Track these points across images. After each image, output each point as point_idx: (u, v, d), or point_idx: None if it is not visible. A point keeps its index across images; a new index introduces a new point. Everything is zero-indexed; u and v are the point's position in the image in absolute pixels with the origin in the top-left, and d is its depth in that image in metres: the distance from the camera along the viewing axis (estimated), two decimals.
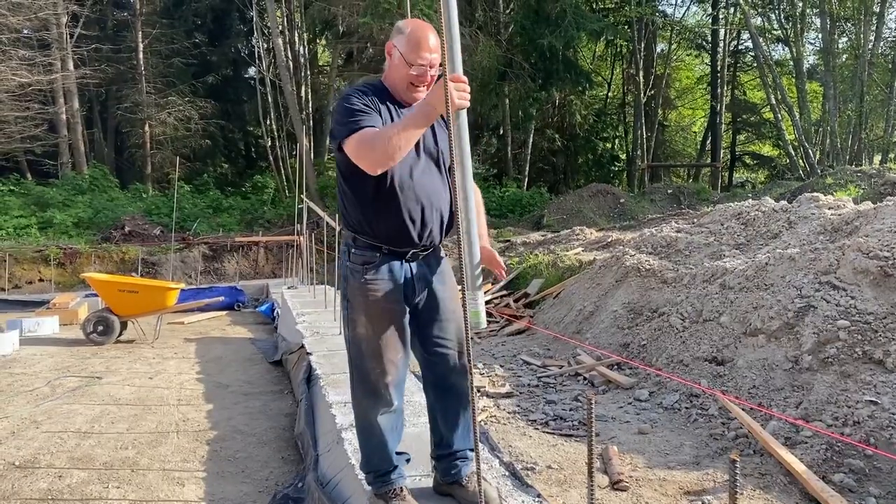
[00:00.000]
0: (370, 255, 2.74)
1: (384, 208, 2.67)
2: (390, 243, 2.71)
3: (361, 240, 2.76)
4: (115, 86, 25.91)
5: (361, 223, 2.75)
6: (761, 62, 24.95)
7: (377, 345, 2.74)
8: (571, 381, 6.39)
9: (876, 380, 4.51)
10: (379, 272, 2.73)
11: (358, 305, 2.77)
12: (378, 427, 2.82)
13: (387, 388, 2.76)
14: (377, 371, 2.76)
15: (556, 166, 31.42)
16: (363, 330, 2.76)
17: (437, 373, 2.87)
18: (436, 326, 2.80)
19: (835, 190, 13.04)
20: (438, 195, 2.73)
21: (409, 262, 2.77)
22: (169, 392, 6.46)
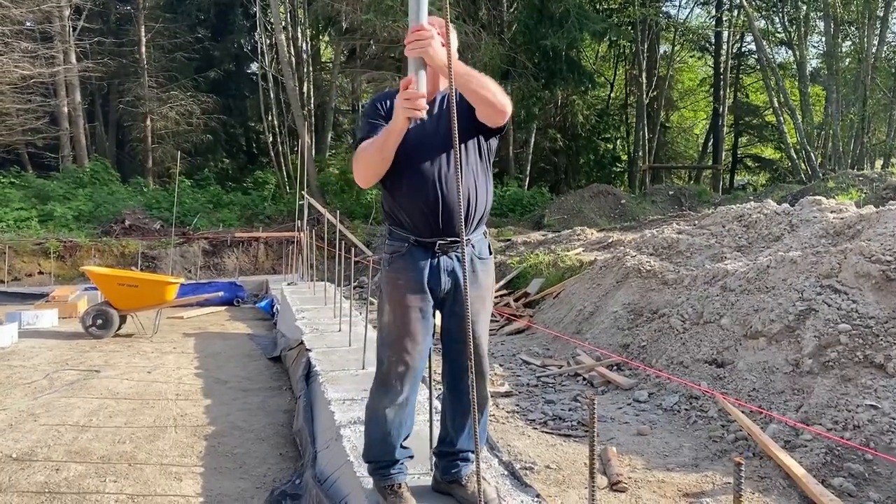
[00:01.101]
0: (399, 245, 2.79)
1: (408, 196, 2.73)
2: (416, 232, 2.74)
3: (395, 231, 2.82)
4: (117, 79, 25.87)
5: (391, 212, 2.83)
6: (764, 65, 24.91)
7: (396, 334, 2.77)
8: (570, 382, 6.38)
9: (876, 384, 4.50)
10: (404, 262, 2.76)
11: (385, 293, 2.83)
12: (384, 418, 2.83)
13: (399, 379, 2.77)
14: (392, 360, 2.78)
15: (557, 166, 31.39)
16: (387, 318, 2.81)
17: (454, 371, 2.88)
18: (457, 322, 2.79)
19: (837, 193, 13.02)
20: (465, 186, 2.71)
21: (438, 255, 2.76)
22: (167, 387, 6.45)
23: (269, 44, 25.10)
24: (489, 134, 2.80)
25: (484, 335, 2.87)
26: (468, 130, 2.71)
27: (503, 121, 2.65)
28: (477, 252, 2.84)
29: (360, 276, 14.33)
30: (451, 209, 2.68)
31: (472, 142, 2.77)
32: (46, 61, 20.94)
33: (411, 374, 2.79)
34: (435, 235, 2.73)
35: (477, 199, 2.76)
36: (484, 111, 2.59)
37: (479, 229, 2.85)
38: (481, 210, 2.81)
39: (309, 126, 24.47)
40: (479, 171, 2.79)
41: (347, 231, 15.98)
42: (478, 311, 2.81)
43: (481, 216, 2.82)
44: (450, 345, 2.86)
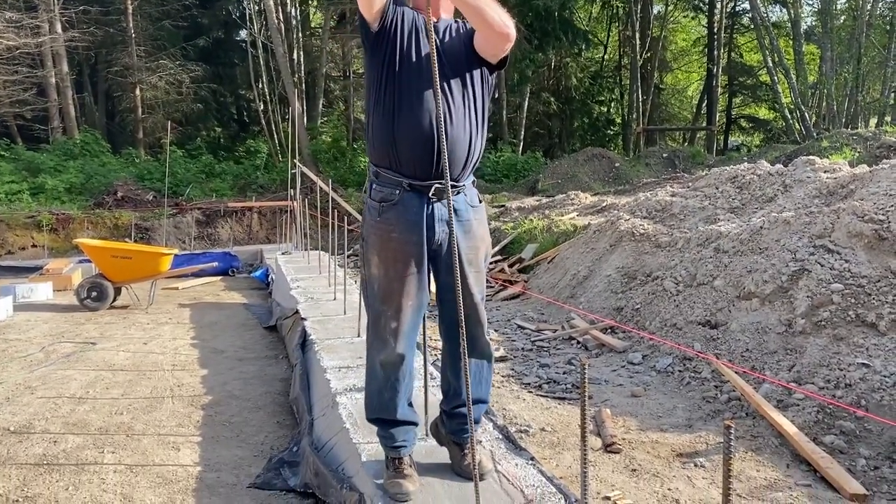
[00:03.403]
0: (389, 191, 2.62)
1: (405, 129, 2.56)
2: (411, 173, 2.59)
3: (384, 174, 2.65)
4: (105, 49, 25.53)
5: (383, 149, 2.63)
6: (758, 24, 24.70)
7: (389, 288, 2.65)
8: (565, 345, 6.41)
9: (868, 343, 4.53)
10: (397, 212, 2.61)
11: (372, 245, 2.68)
12: (379, 372, 2.75)
13: (393, 335, 2.66)
14: (387, 315, 2.66)
15: (551, 130, 31.24)
16: (376, 271, 2.68)
17: (448, 321, 2.77)
18: (451, 274, 2.53)
19: (830, 153, 13.00)
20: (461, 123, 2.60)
21: (433, 202, 2.62)
22: (163, 357, 6.47)
23: (258, 10, 24.76)
24: (490, 67, 2.68)
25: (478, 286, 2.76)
26: (471, 59, 2.62)
27: (505, 46, 2.53)
28: (469, 200, 2.73)
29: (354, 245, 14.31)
30: (452, 145, 2.54)
31: (475, 76, 2.65)
32: (32, 31, 20.62)
33: (407, 332, 2.69)
34: (430, 177, 2.59)
35: (476, 139, 2.65)
36: (485, 34, 2.48)
37: (471, 175, 2.75)
38: (479, 152, 2.70)
39: (300, 93, 24.27)
40: (480, 112, 2.67)
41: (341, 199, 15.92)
42: (471, 260, 2.71)
43: (477, 159, 2.71)
44: (445, 297, 2.74)
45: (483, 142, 2.73)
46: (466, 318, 2.55)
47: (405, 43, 2.59)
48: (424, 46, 2.58)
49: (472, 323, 2.71)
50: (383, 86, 2.60)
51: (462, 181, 2.67)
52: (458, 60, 2.63)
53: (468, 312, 2.60)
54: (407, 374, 2.79)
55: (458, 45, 2.66)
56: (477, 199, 2.79)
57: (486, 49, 2.59)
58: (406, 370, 2.77)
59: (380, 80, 2.61)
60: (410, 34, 2.61)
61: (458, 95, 2.61)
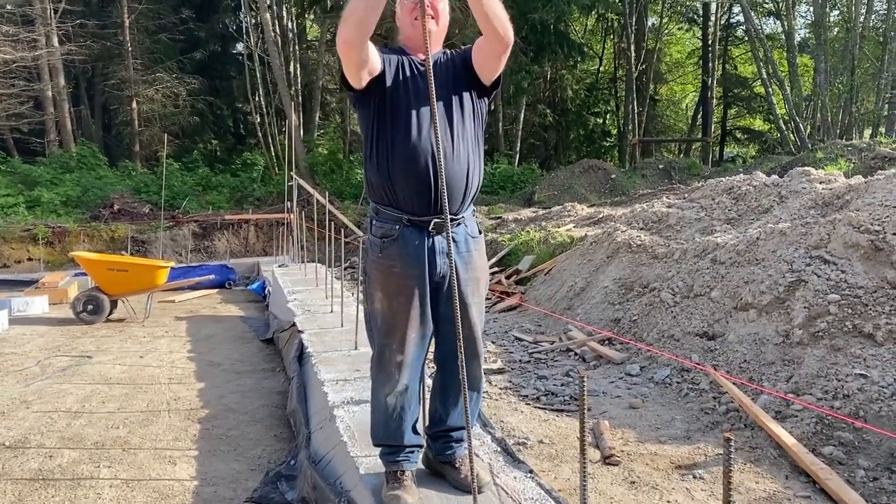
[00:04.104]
0: (389, 227, 2.64)
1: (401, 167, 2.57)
2: (410, 209, 2.60)
3: (384, 211, 2.67)
4: (102, 62, 25.55)
5: (381, 188, 2.65)
6: (752, 36, 24.84)
7: (393, 321, 2.66)
8: (563, 357, 6.41)
9: (866, 353, 4.53)
10: (397, 246, 2.63)
11: (375, 280, 2.70)
12: (384, 405, 2.76)
13: (398, 368, 2.68)
14: (392, 348, 2.67)
15: (547, 142, 31.33)
16: (379, 305, 2.69)
17: (445, 351, 2.79)
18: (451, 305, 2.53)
19: (825, 164, 13.04)
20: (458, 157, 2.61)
21: (433, 236, 2.63)
22: (160, 371, 6.44)
23: (255, 23, 24.86)
24: (482, 91, 2.70)
25: (478, 318, 2.78)
26: (465, 88, 2.62)
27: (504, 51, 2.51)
28: (469, 231, 2.75)
29: (351, 257, 14.30)
30: (449, 182, 2.54)
31: (467, 107, 2.66)
32: (28, 45, 20.64)
33: (411, 364, 2.70)
34: (429, 213, 2.60)
35: (473, 172, 2.66)
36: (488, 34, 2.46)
37: (471, 206, 2.76)
38: (477, 184, 2.71)
39: (296, 106, 24.32)
40: (475, 142, 2.69)
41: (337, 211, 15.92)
42: (472, 292, 2.72)
43: (475, 191, 2.72)
44: (444, 328, 2.74)
45: (481, 172, 2.74)
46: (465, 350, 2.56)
47: (394, 89, 2.60)
48: (415, 87, 2.58)
49: (470, 356, 2.72)
50: (376, 133, 2.62)
51: (461, 213, 2.69)
52: (452, 93, 2.63)
53: (467, 345, 2.60)
54: (413, 401, 2.80)
55: (451, 75, 2.66)
56: (477, 229, 2.80)
57: (486, 54, 2.58)
58: (412, 398, 2.79)
59: (372, 128, 2.63)
60: (397, 77, 2.61)
61: (453, 130, 2.62)
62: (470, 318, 2.71)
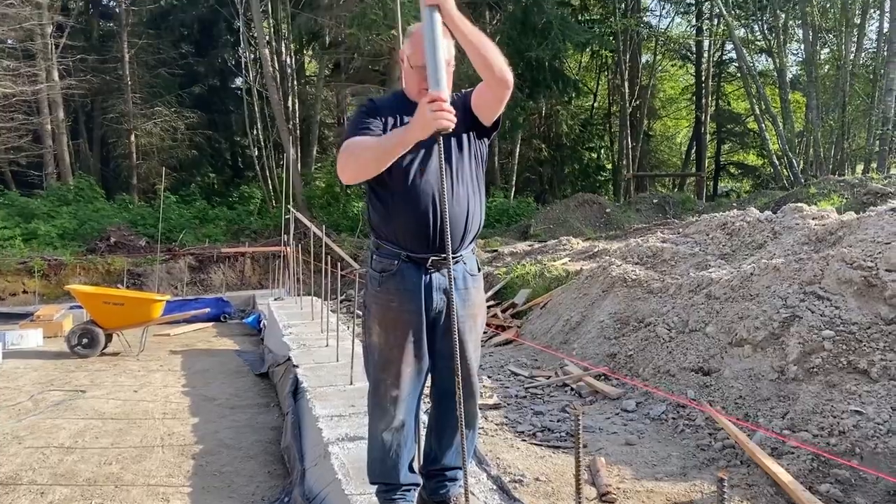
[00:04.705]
0: (388, 262, 2.68)
1: (402, 209, 2.62)
2: (409, 248, 2.64)
3: (384, 246, 2.71)
4: (101, 96, 25.78)
5: (381, 226, 2.71)
6: (745, 73, 25.16)
7: (389, 355, 2.68)
8: (559, 392, 6.39)
9: (861, 390, 4.54)
10: (395, 281, 2.66)
11: (374, 313, 2.73)
12: (381, 441, 2.76)
13: (394, 403, 2.69)
14: (387, 383, 2.69)
15: (542, 176, 31.53)
16: (377, 339, 2.72)
17: (442, 388, 2.80)
18: (447, 341, 2.57)
19: (818, 199, 13.14)
20: (458, 199, 2.65)
21: (430, 272, 2.67)
22: (154, 405, 6.41)
23: (254, 58, 25.11)
24: (482, 132, 2.75)
25: (474, 355, 2.80)
26: (462, 129, 2.65)
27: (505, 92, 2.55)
28: (469, 269, 2.78)
29: (347, 290, 14.31)
30: (450, 224, 2.55)
31: (467, 149, 2.71)
32: (29, 79, 20.82)
33: (407, 399, 2.72)
34: (428, 251, 2.64)
35: (473, 213, 2.71)
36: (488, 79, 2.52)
37: (471, 245, 2.80)
38: (477, 225, 2.76)
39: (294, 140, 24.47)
40: (476, 183, 2.74)
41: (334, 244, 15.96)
42: (469, 329, 2.74)
43: (476, 231, 2.77)
44: (440, 363, 2.75)
45: (481, 213, 2.78)
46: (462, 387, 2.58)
47: None
48: None
49: (467, 393, 2.71)
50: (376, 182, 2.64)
51: (461, 252, 2.72)
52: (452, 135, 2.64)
53: (463, 382, 2.60)
54: (409, 438, 2.81)
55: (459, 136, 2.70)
56: (476, 267, 2.83)
57: (487, 98, 2.62)
58: (408, 435, 2.79)
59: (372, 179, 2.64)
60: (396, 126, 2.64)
61: (453, 172, 2.66)
62: (466, 355, 2.73)
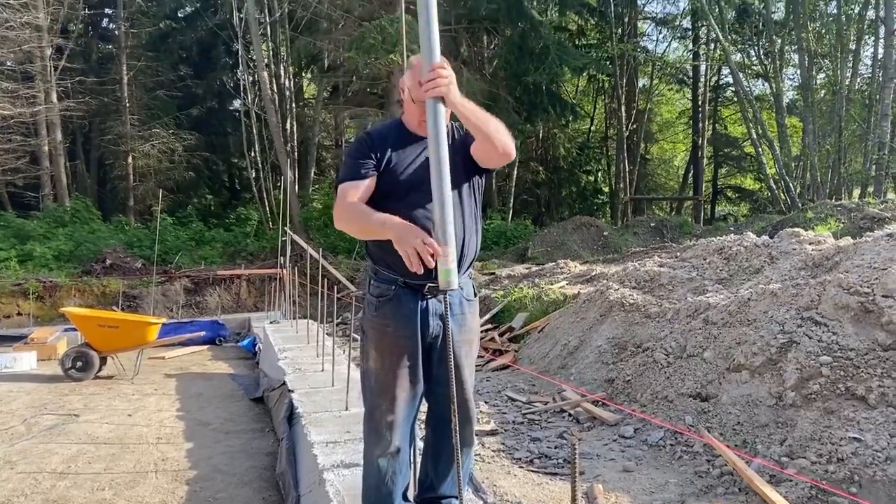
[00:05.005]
0: (385, 287, 2.70)
1: None
2: (406, 274, 2.63)
3: (381, 272, 2.73)
4: (99, 118, 25.88)
5: (378, 252, 2.73)
6: (742, 97, 25.35)
7: (385, 380, 2.68)
8: (556, 418, 6.35)
9: (859, 416, 4.51)
10: (392, 306, 2.68)
11: (371, 338, 2.74)
12: (376, 467, 2.74)
13: (389, 428, 2.69)
14: (382, 408, 2.69)
15: (540, 198, 31.62)
16: (373, 364, 2.73)
17: (438, 413, 2.80)
18: (444, 367, 2.56)
19: (815, 224, 13.17)
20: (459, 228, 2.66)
21: (427, 298, 2.68)
22: (148, 430, 6.35)
23: (252, 81, 25.26)
24: (482, 173, 2.78)
25: (470, 379, 2.80)
26: (463, 169, 2.67)
27: (505, 163, 2.66)
28: (465, 294, 2.79)
29: (344, 313, 14.27)
30: None
31: (464, 178, 2.72)
32: (27, 101, 20.90)
33: (402, 424, 2.71)
34: (425, 278, 2.61)
35: (470, 241, 2.72)
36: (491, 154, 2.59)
37: (468, 271, 2.81)
38: (473, 252, 2.77)
39: (292, 162, 24.56)
40: (472, 213, 2.75)
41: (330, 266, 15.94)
42: (465, 354, 2.75)
43: (472, 258, 2.78)
44: (436, 389, 2.75)
45: (478, 240, 2.81)
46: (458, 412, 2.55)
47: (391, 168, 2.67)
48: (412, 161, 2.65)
49: (463, 419, 2.71)
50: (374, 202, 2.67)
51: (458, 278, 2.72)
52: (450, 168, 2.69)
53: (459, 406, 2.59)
54: (404, 465, 2.80)
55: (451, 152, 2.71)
56: (472, 292, 2.83)
57: (485, 163, 2.68)
58: (403, 462, 2.78)
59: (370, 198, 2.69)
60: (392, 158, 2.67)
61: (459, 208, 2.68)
62: (463, 380, 2.73)
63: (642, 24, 34.93)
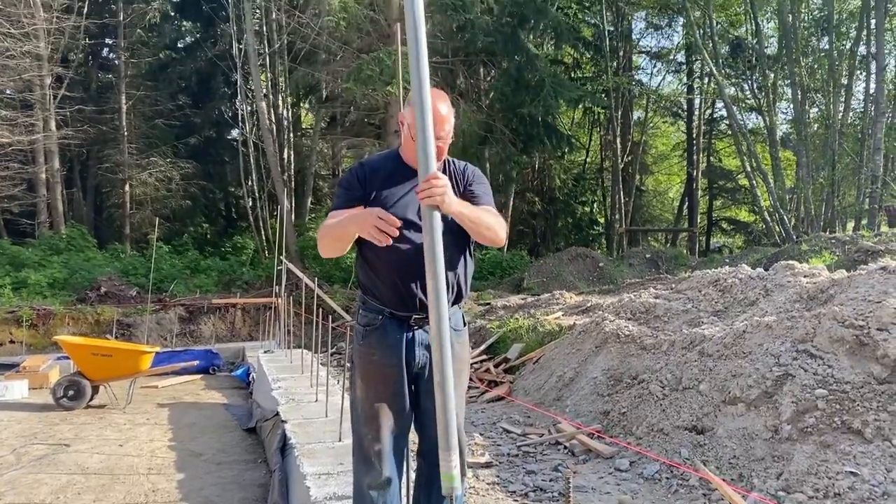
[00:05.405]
0: (372, 316, 2.72)
1: (386, 269, 2.68)
2: (392, 306, 2.68)
3: (370, 302, 2.76)
4: (97, 146, 25.95)
5: (367, 284, 2.77)
6: (735, 130, 25.56)
7: (371, 410, 2.69)
8: (552, 451, 6.30)
9: (855, 450, 4.49)
10: (378, 335, 2.69)
11: (357, 367, 2.76)
12: (367, 498, 2.73)
13: (378, 457, 2.68)
14: (369, 437, 2.69)
15: (535, 229, 31.70)
16: (360, 393, 2.73)
17: (427, 444, 2.78)
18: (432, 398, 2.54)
19: (810, 256, 13.20)
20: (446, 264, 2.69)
21: (413, 329, 2.70)
22: (139, 460, 6.29)
23: (251, 111, 25.40)
24: None
25: (461, 410, 2.80)
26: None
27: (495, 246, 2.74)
28: (453, 324, 2.75)
29: (339, 343, 14.20)
30: None
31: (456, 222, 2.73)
32: (26, 129, 20.97)
33: (390, 453, 2.70)
34: (410, 311, 2.68)
35: (458, 274, 2.74)
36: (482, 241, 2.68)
37: (456, 305, 2.82)
38: (462, 285, 2.79)
39: (289, 191, 24.60)
40: (461, 248, 2.76)
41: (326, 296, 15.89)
42: (455, 385, 2.75)
43: (460, 291, 2.79)
44: (426, 420, 2.76)
45: (468, 274, 2.83)
46: None
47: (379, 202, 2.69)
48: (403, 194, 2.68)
49: None
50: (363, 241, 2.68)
51: None
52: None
53: None
54: (395, 498, 2.78)
55: None
56: (461, 322, 2.83)
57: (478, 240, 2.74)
58: (394, 494, 2.77)
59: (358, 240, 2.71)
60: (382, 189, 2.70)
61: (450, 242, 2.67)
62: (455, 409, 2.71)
63: (637, 57, 35.40)
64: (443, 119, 2.64)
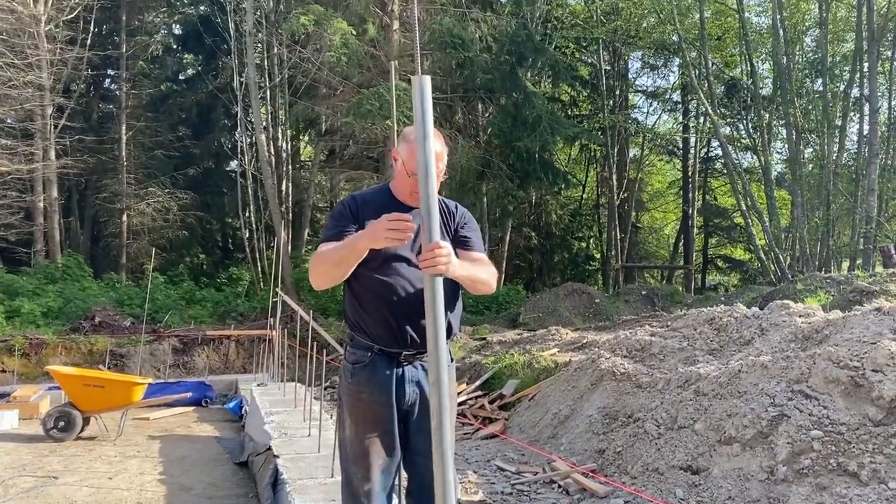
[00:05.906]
0: (361, 353, 2.71)
1: (376, 304, 2.66)
2: (382, 342, 2.67)
3: (357, 338, 2.74)
4: (96, 175, 26.04)
5: (356, 320, 2.75)
6: (731, 169, 25.75)
7: (360, 448, 2.66)
8: (546, 489, 6.25)
9: (851, 493, 4.46)
10: (367, 372, 2.67)
11: (346, 405, 2.73)
12: None
13: (367, 496, 2.66)
14: (358, 476, 2.67)
15: (532, 264, 31.74)
16: (349, 432, 2.71)
17: (418, 483, 2.75)
18: (422, 436, 2.55)
19: (805, 296, 13.23)
20: None
21: (403, 365, 2.69)
22: (129, 494, 6.21)
23: (250, 143, 25.56)
24: None
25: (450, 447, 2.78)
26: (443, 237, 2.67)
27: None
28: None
29: (332, 377, 14.11)
30: (420, 326, 2.57)
31: None
32: (25, 158, 21.05)
33: (379, 493, 2.68)
34: (400, 347, 2.67)
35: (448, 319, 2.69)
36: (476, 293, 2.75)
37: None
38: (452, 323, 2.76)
39: (286, 223, 24.66)
40: (454, 292, 2.76)
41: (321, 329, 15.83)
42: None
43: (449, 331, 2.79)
44: (415, 458, 2.73)
45: (457, 310, 2.82)
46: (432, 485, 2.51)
47: None
48: None
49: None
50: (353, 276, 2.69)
51: None
52: None
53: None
54: None
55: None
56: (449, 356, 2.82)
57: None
58: None
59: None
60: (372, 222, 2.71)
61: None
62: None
63: (633, 96, 35.80)
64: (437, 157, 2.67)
